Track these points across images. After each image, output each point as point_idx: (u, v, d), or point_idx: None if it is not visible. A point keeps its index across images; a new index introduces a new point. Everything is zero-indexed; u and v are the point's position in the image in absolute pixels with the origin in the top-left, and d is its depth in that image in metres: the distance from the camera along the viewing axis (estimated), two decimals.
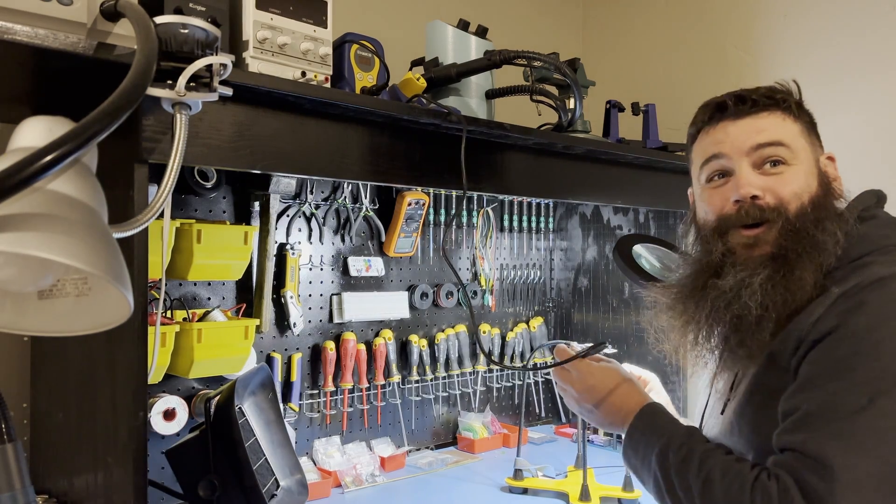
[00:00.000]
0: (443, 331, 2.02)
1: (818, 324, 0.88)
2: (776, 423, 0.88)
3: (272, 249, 1.63)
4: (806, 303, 0.92)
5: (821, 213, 0.96)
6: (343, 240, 1.81)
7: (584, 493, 1.61)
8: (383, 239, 1.87)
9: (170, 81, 0.91)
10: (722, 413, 1.04)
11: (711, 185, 1.03)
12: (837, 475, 0.78)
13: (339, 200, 1.77)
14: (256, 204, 1.62)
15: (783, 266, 0.94)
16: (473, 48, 1.55)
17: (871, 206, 1.01)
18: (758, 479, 0.84)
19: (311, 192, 1.72)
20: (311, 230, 1.75)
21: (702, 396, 1.18)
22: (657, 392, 1.26)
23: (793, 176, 0.98)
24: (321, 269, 1.77)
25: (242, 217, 1.62)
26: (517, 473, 1.71)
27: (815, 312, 0.89)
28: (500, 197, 2.11)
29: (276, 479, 1.44)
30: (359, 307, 1.82)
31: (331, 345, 1.75)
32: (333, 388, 1.76)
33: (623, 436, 1.06)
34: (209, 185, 1.52)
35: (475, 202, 2.08)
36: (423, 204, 1.87)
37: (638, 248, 1.64)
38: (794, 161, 0.98)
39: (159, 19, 0.91)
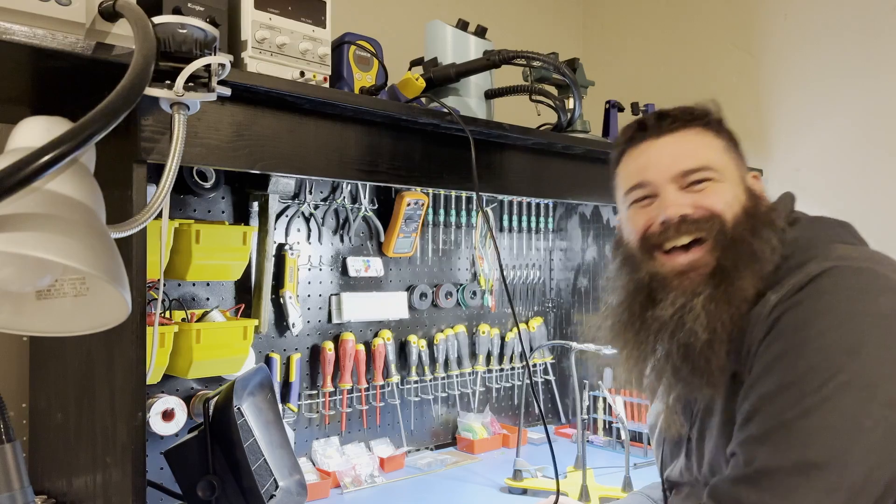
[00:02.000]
0: (442, 331, 2.02)
1: (761, 334, 0.86)
2: None
3: (271, 250, 1.63)
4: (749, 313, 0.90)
5: (755, 220, 0.94)
6: (342, 240, 1.81)
7: (584, 494, 1.60)
8: (382, 239, 1.87)
9: (168, 81, 0.91)
10: (686, 454, 1.02)
11: (637, 206, 1.01)
12: (761, 480, 0.79)
13: (338, 200, 1.77)
14: (255, 204, 1.61)
15: (723, 280, 0.91)
16: (472, 48, 1.55)
17: (792, 209, 1.00)
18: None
19: (310, 193, 1.71)
20: (309, 230, 1.75)
21: (653, 434, 1.14)
22: None
23: (721, 190, 0.96)
24: (320, 270, 1.77)
25: (241, 217, 1.62)
26: (516, 474, 1.71)
27: (758, 324, 0.87)
28: (500, 197, 2.11)
29: (274, 479, 1.44)
30: (358, 307, 1.82)
31: (329, 345, 1.75)
32: (332, 389, 1.76)
33: None
34: (208, 185, 1.52)
35: (475, 202, 2.08)
36: (423, 204, 1.87)
37: None
38: (720, 178, 0.96)
39: (158, 19, 0.91)
